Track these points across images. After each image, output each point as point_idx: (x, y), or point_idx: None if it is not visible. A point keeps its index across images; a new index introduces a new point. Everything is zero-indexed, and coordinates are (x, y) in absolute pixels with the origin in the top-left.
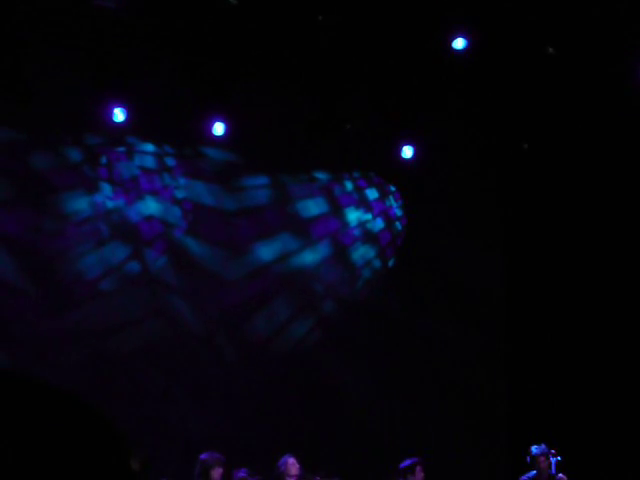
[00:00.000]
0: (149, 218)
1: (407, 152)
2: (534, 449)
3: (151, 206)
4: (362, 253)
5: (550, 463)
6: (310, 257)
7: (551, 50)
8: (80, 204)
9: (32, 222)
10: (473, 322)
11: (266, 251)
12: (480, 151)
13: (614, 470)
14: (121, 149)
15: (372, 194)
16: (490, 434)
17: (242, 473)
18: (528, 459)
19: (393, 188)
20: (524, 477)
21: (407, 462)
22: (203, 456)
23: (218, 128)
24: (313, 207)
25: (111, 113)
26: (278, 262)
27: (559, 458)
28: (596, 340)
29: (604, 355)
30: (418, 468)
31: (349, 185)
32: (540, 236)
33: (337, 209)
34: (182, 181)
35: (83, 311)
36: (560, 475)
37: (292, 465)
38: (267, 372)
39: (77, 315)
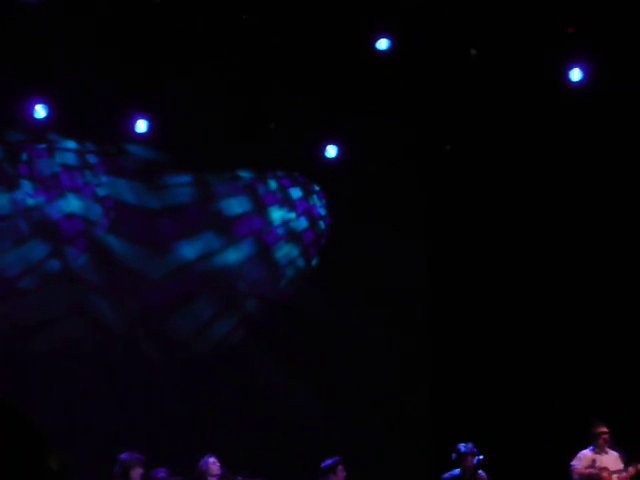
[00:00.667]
0: (70, 216)
1: (331, 151)
2: (462, 447)
3: (72, 204)
4: (286, 252)
5: (475, 462)
6: (233, 256)
7: (473, 51)
8: None
9: None
10: (396, 321)
11: (189, 249)
12: (402, 150)
13: (531, 467)
14: (42, 146)
15: (296, 193)
16: (413, 433)
17: (162, 473)
18: (454, 456)
19: (317, 187)
20: (447, 475)
21: (328, 461)
22: (123, 456)
23: (141, 125)
24: (236, 206)
25: (32, 109)
26: (201, 261)
27: (481, 457)
28: (517, 336)
29: (525, 352)
30: (340, 467)
31: (273, 184)
32: (462, 235)
33: (261, 208)
34: (104, 179)
35: (2, 309)
36: (481, 472)
37: (213, 464)
38: (189, 371)
39: None
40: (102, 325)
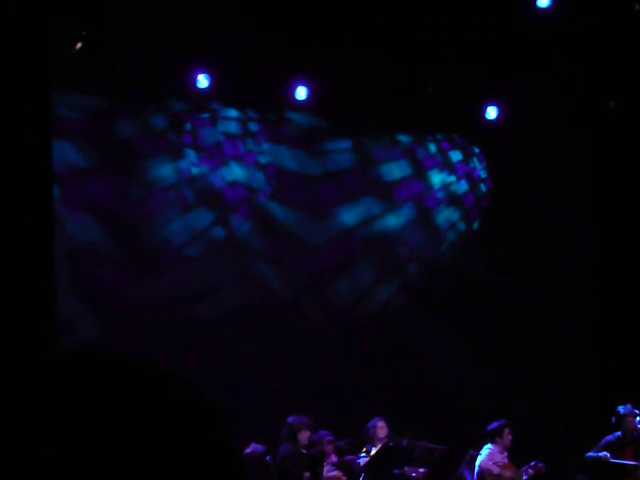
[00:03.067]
0: (233, 184)
1: (491, 113)
2: (621, 409)
3: (235, 172)
4: (446, 216)
5: (637, 423)
6: (394, 221)
7: (638, 6)
8: (165, 171)
9: (118, 189)
10: (559, 285)
11: (350, 215)
12: (566, 111)
13: None
14: (205, 115)
15: (456, 156)
16: (578, 397)
17: (328, 436)
18: (614, 420)
19: (477, 150)
20: (610, 437)
21: (494, 425)
22: (290, 419)
23: (301, 92)
24: (396, 170)
25: (195, 79)
26: (362, 226)
27: None
28: None
29: None
30: (506, 430)
31: (432, 147)
32: (629, 198)
33: (421, 172)
34: (265, 146)
35: (169, 277)
36: None
37: (381, 428)
38: (352, 335)
39: (164, 281)
40: (266, 291)
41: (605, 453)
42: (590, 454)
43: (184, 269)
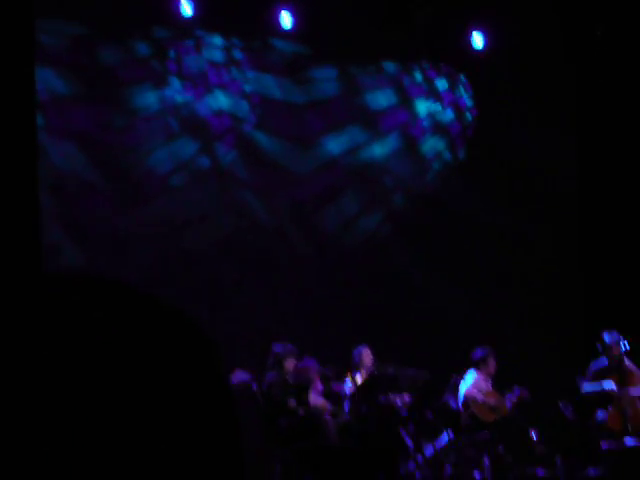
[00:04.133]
0: (218, 112)
1: (478, 41)
2: (606, 336)
3: (220, 100)
4: (432, 145)
5: (621, 350)
6: (379, 150)
7: None
8: (149, 99)
9: (101, 117)
10: (544, 213)
11: (335, 144)
12: (552, 39)
13: None
14: (189, 42)
15: (442, 84)
16: (563, 324)
17: (314, 364)
18: (599, 347)
19: (463, 78)
20: (595, 364)
21: (479, 352)
22: (276, 347)
23: (286, 19)
24: (382, 98)
25: (179, 6)
26: (347, 155)
27: (628, 347)
28: None
29: None
30: (490, 358)
31: (418, 76)
32: (614, 127)
33: (406, 100)
34: (250, 74)
35: (154, 206)
36: (627, 361)
37: (367, 355)
38: (337, 264)
39: (148, 210)
40: (251, 220)
41: (599, 385)
42: (587, 387)
43: (169, 198)
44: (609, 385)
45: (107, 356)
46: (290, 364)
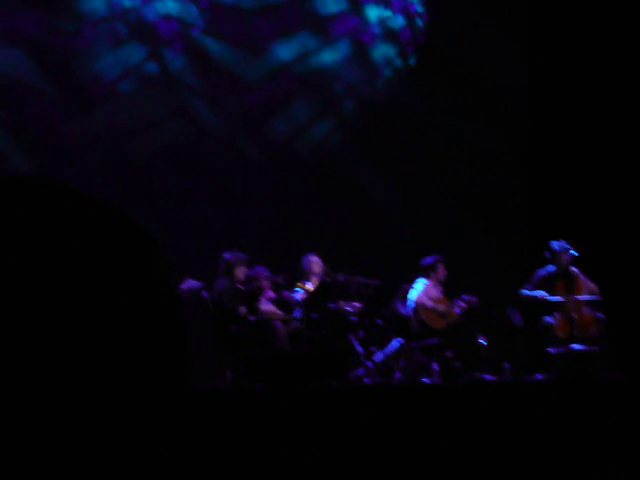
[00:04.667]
0: (166, 17)
1: None
2: (555, 245)
3: (168, 5)
4: (382, 52)
5: (569, 258)
6: (330, 56)
7: None
8: (96, 3)
9: (48, 22)
10: (495, 120)
11: (285, 50)
12: None
13: (627, 262)
14: None
15: None
16: (511, 231)
17: (265, 271)
18: (548, 255)
19: None
20: (542, 271)
21: (429, 260)
22: (227, 255)
23: None
24: (332, 4)
25: None
26: (297, 62)
27: (576, 253)
28: (618, 129)
29: (627, 145)
30: (440, 265)
31: None
32: (567, 30)
33: (357, 6)
34: None
35: (102, 113)
36: (573, 269)
37: (315, 263)
38: (289, 172)
39: (96, 117)
40: (201, 128)
41: (542, 293)
42: (525, 291)
43: (117, 105)
44: (541, 294)
45: (50, 256)
46: (241, 272)
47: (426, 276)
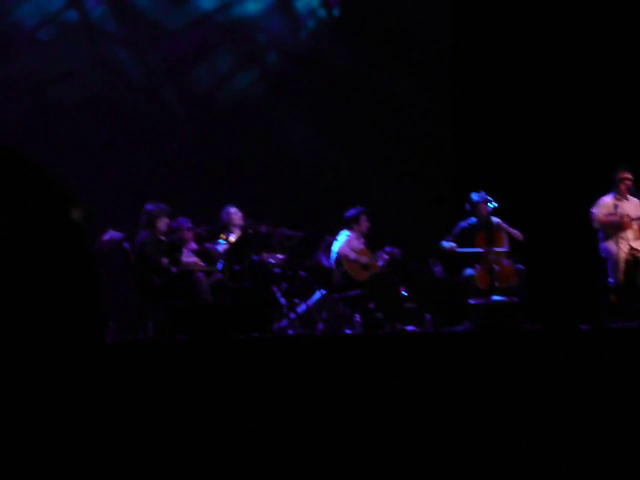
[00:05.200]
0: None
1: None
2: (474, 196)
3: None
4: (306, 2)
5: (489, 209)
6: (252, 6)
7: None
8: None
9: None
10: (418, 73)
11: None
12: None
13: (551, 214)
14: None
15: None
16: (433, 184)
17: (187, 223)
18: (468, 206)
19: None
20: (463, 223)
21: (352, 211)
22: (149, 206)
23: None
24: None
25: None
26: (220, 11)
27: (496, 205)
28: (542, 82)
29: (549, 94)
30: (363, 217)
31: None
32: None
33: None
34: None
35: (21, 62)
36: (495, 219)
37: (235, 214)
38: (211, 123)
39: (15, 66)
40: (122, 77)
41: (452, 244)
42: (444, 243)
43: (36, 53)
44: (449, 245)
45: None
46: (163, 223)
47: (349, 228)
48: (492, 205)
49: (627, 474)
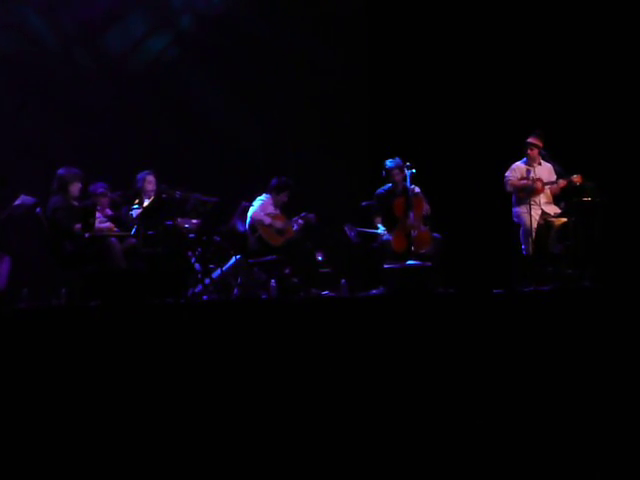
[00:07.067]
0: None
1: None
2: (388, 163)
3: None
4: None
5: (405, 176)
6: None
7: None
8: None
9: None
10: (335, 37)
11: None
12: None
13: (465, 180)
14: None
15: None
16: (351, 150)
17: (101, 188)
18: (383, 173)
19: None
20: (380, 190)
21: (279, 181)
22: (61, 171)
23: None
24: None
25: None
26: None
27: (414, 171)
28: (456, 51)
29: (463, 61)
30: (285, 192)
31: None
32: None
33: None
34: None
35: None
36: (413, 187)
37: (148, 181)
38: (125, 87)
39: None
40: (35, 40)
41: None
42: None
43: None
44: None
45: None
46: (75, 188)
47: (268, 193)
48: (409, 172)
49: (537, 436)
